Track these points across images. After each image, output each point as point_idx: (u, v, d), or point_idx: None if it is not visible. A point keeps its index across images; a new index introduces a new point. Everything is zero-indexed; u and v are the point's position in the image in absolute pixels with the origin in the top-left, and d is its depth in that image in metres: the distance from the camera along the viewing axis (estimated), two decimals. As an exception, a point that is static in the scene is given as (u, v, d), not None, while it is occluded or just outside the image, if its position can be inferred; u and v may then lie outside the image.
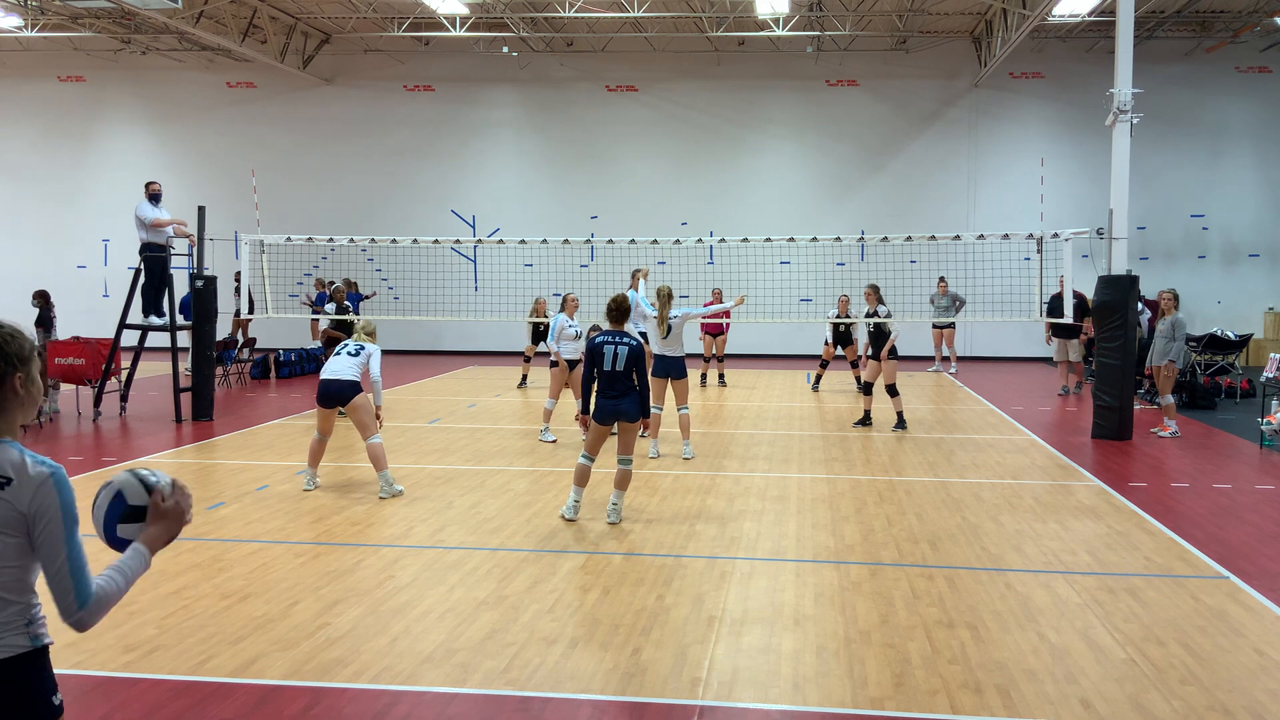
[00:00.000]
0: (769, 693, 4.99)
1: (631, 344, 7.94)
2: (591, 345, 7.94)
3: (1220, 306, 22.34)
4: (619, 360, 7.88)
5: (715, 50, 23.71)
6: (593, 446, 8.12)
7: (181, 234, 13.94)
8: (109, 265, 25.43)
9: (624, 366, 7.89)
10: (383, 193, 24.77)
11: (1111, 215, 12.73)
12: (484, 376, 19.68)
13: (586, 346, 7.99)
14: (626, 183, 24.38)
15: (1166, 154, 22.56)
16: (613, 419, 7.98)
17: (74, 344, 14.27)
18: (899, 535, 7.88)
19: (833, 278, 19.96)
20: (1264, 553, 7.47)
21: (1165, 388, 12.71)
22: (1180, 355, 12.65)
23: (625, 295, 8.26)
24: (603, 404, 7.96)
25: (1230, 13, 21.18)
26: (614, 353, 7.88)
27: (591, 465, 8.18)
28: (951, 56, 23.49)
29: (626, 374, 7.92)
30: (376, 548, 7.51)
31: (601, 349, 7.91)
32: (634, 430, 8.05)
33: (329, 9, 22.29)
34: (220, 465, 10.76)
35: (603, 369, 7.91)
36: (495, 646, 5.53)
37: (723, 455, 11.27)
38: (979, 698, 4.92)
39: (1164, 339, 12.68)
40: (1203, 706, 4.84)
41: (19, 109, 25.90)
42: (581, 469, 8.14)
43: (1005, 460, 11.11)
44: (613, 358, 7.88)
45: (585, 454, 8.13)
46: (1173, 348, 12.56)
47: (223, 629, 5.76)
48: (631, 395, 7.96)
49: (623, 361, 7.89)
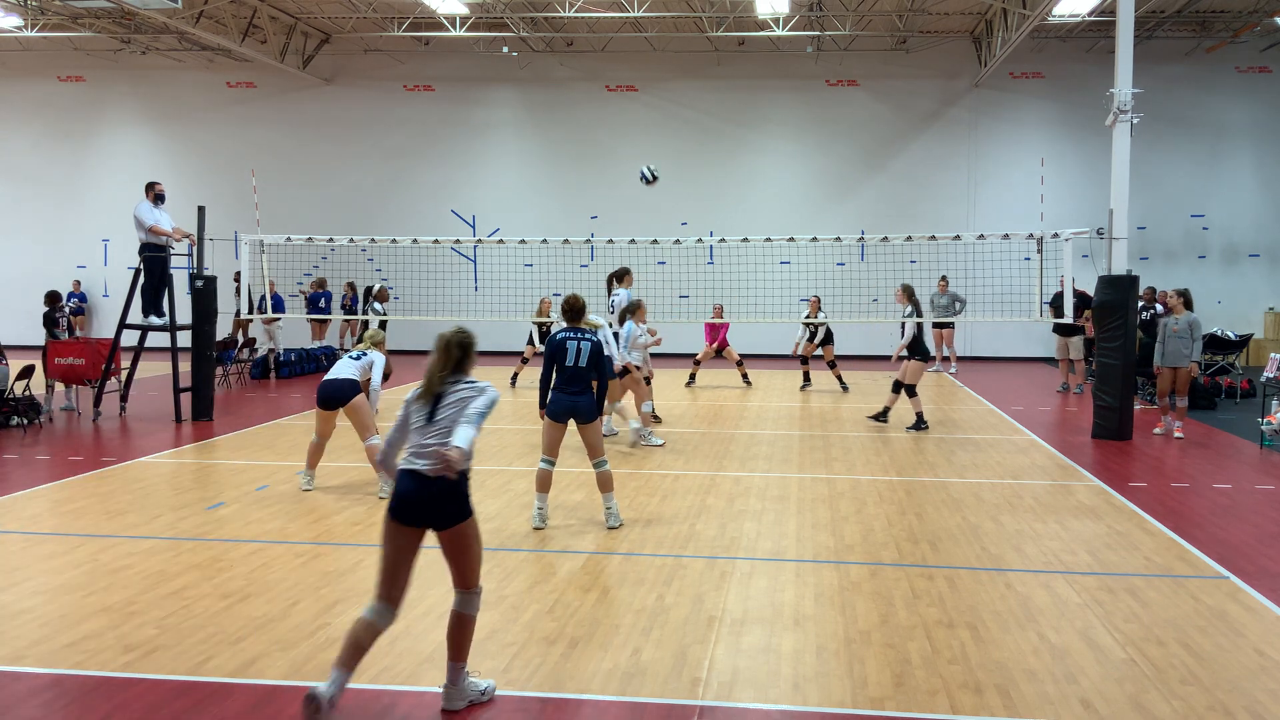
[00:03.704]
0: (769, 693, 4.99)
1: (594, 340, 7.91)
2: (553, 341, 7.90)
3: (1220, 306, 22.33)
4: (581, 356, 7.85)
5: (715, 50, 23.72)
6: (551, 448, 8.00)
7: (181, 236, 13.91)
8: (109, 265, 25.45)
9: (586, 363, 7.86)
10: (383, 193, 24.78)
11: (1111, 215, 12.73)
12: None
13: (547, 342, 7.96)
14: (626, 183, 24.27)
15: (1166, 154, 22.56)
16: (568, 415, 7.88)
17: (74, 344, 14.27)
18: (899, 535, 7.88)
19: (833, 278, 19.96)
20: (1264, 553, 7.47)
21: (1184, 389, 12.43)
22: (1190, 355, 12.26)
23: (577, 295, 8.23)
24: (560, 398, 7.87)
25: (1230, 13, 21.18)
26: (576, 348, 7.85)
27: (552, 469, 8.06)
28: (951, 56, 23.50)
29: (588, 370, 7.89)
30: (376, 548, 7.49)
31: (564, 345, 7.87)
32: (595, 430, 7.98)
33: (329, 9, 22.29)
34: (220, 465, 10.76)
35: (564, 365, 7.87)
36: (495, 646, 5.53)
37: (723, 455, 11.26)
38: (979, 698, 4.92)
39: (1178, 339, 12.28)
40: (1203, 706, 4.84)
41: (19, 109, 25.91)
42: (543, 474, 8.02)
43: (1005, 460, 11.11)
44: (575, 354, 7.85)
45: (545, 458, 8.01)
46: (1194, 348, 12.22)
47: (223, 629, 5.76)
48: (589, 393, 7.93)
49: (585, 358, 7.86)
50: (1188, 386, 12.52)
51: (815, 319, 16.90)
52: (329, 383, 9.17)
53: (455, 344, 4.88)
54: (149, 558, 7.15)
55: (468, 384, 4.84)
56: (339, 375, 9.16)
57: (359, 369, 9.23)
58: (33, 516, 8.45)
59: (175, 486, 9.64)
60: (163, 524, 8.11)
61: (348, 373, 9.17)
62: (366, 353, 9.40)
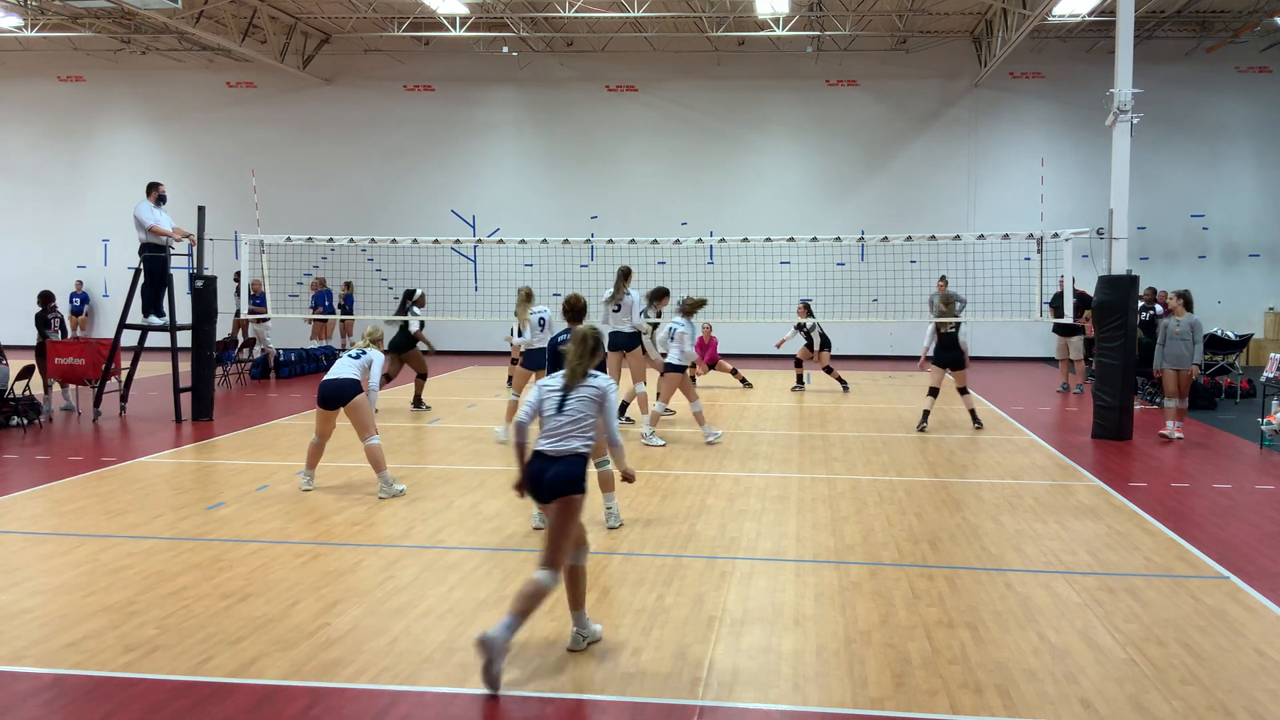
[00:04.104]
0: (769, 693, 4.99)
1: None
2: (554, 342, 7.90)
3: (1220, 306, 22.33)
4: None
5: (715, 50, 23.72)
6: None
7: (181, 236, 13.90)
8: (109, 265, 25.45)
9: None
10: (383, 193, 24.79)
11: (1111, 215, 12.73)
12: (484, 376, 19.69)
13: (549, 344, 7.94)
14: (626, 183, 24.39)
15: (1166, 154, 22.57)
16: None
17: (74, 344, 14.27)
18: (899, 535, 7.88)
19: (833, 278, 19.96)
20: (1264, 553, 7.47)
21: (1186, 390, 12.38)
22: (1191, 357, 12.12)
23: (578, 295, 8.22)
24: None
25: (1230, 13, 21.19)
26: None
27: None
28: (951, 56, 23.50)
29: None
30: (376, 548, 7.51)
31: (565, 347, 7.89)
32: None
33: (329, 9, 22.29)
34: (220, 465, 10.75)
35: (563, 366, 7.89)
36: (495, 646, 5.53)
37: (723, 455, 11.27)
38: (979, 698, 4.92)
39: (1180, 341, 12.16)
40: (1203, 706, 4.84)
41: (19, 109, 25.91)
42: None
43: (1005, 460, 11.11)
44: None
45: None
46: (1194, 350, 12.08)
47: (223, 629, 5.76)
48: None
49: None
50: (1189, 388, 12.49)
51: (805, 321, 16.90)
52: (330, 382, 9.17)
53: (593, 340, 5.69)
54: (149, 558, 7.15)
55: (592, 378, 5.62)
56: (340, 375, 9.17)
57: (359, 368, 9.23)
58: (33, 516, 8.45)
59: (175, 486, 9.64)
60: (163, 524, 8.11)
61: (349, 372, 9.17)
62: (366, 351, 9.40)
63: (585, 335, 5.66)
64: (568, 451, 5.39)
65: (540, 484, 5.35)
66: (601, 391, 5.56)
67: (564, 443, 5.41)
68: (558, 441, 5.40)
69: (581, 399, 5.50)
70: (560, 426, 5.43)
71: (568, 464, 5.33)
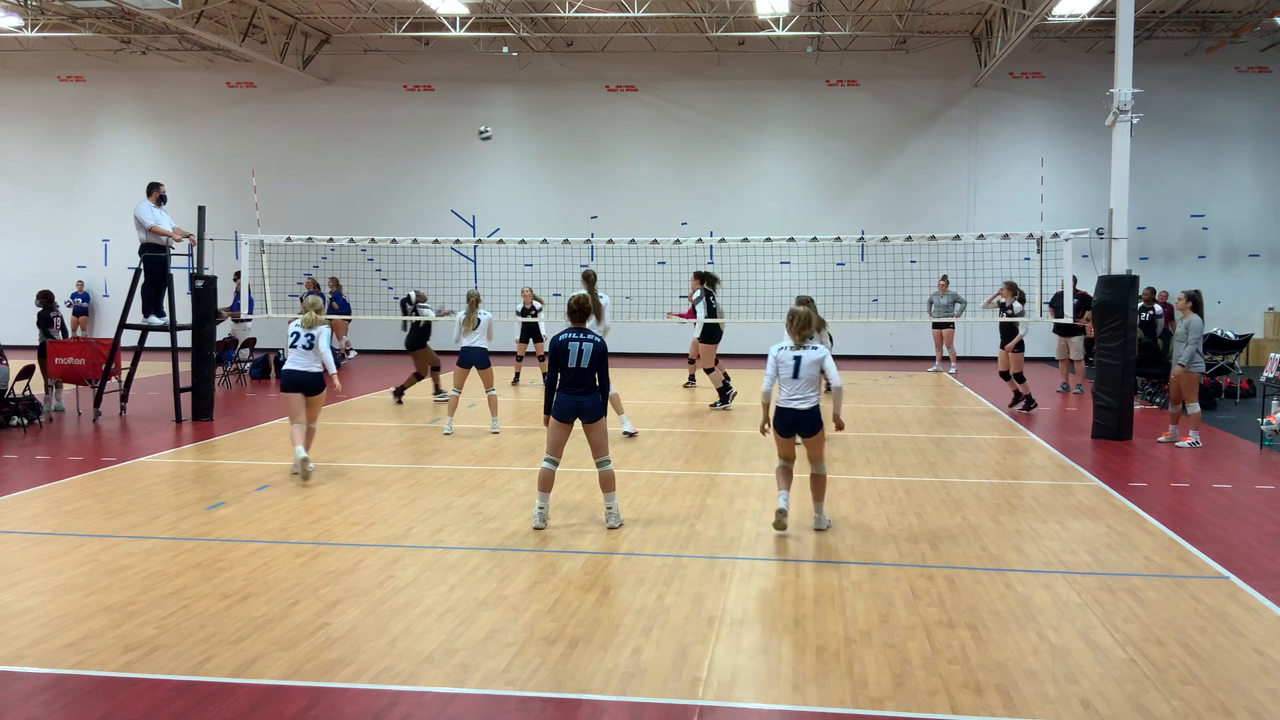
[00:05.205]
0: (769, 693, 4.99)
1: (596, 341, 7.95)
2: (555, 343, 7.94)
3: (1220, 306, 22.32)
4: (584, 357, 7.89)
5: (715, 50, 23.72)
6: (555, 448, 8.03)
7: (181, 236, 13.91)
8: (109, 265, 25.45)
9: (589, 364, 7.91)
10: (383, 193, 24.79)
11: (1111, 215, 12.73)
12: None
13: (550, 343, 8.01)
14: (626, 183, 24.38)
15: (1166, 154, 22.57)
16: (574, 415, 7.93)
17: (74, 344, 14.27)
18: (899, 535, 7.88)
19: (833, 278, 19.93)
20: (1264, 553, 7.47)
21: (1190, 394, 11.79)
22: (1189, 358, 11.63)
23: (585, 296, 8.25)
24: (564, 399, 7.92)
25: (1230, 13, 21.19)
26: (578, 350, 7.90)
27: (555, 469, 8.07)
28: (951, 56, 23.50)
29: (590, 371, 7.94)
30: (376, 548, 7.51)
31: (566, 346, 7.91)
32: (601, 429, 8.03)
33: (329, 9, 22.30)
34: (220, 465, 10.76)
35: (567, 366, 7.93)
36: (495, 646, 5.53)
37: (723, 455, 11.27)
38: (979, 698, 4.92)
39: (1179, 341, 11.94)
40: (1203, 706, 4.84)
41: (19, 109, 25.91)
42: (545, 474, 8.04)
43: (1005, 460, 11.11)
44: (578, 355, 7.89)
45: (549, 458, 8.03)
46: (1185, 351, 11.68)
47: (223, 629, 5.76)
48: (594, 393, 7.98)
49: (588, 359, 7.90)
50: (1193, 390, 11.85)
51: None
52: (296, 373, 9.93)
53: (803, 315, 7.94)
54: (149, 558, 7.15)
55: (812, 346, 7.86)
56: (309, 368, 9.94)
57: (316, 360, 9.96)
58: (33, 516, 8.45)
59: (175, 486, 9.65)
60: (163, 524, 8.12)
61: (315, 365, 9.95)
62: (314, 334, 9.98)
63: (797, 314, 7.97)
64: (810, 405, 7.85)
65: (799, 425, 7.82)
66: (819, 357, 7.80)
67: (805, 400, 7.83)
68: (800, 401, 7.82)
69: (811, 364, 7.78)
70: (798, 388, 7.79)
71: (813, 411, 7.84)
